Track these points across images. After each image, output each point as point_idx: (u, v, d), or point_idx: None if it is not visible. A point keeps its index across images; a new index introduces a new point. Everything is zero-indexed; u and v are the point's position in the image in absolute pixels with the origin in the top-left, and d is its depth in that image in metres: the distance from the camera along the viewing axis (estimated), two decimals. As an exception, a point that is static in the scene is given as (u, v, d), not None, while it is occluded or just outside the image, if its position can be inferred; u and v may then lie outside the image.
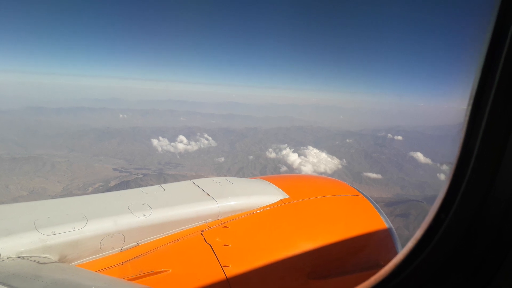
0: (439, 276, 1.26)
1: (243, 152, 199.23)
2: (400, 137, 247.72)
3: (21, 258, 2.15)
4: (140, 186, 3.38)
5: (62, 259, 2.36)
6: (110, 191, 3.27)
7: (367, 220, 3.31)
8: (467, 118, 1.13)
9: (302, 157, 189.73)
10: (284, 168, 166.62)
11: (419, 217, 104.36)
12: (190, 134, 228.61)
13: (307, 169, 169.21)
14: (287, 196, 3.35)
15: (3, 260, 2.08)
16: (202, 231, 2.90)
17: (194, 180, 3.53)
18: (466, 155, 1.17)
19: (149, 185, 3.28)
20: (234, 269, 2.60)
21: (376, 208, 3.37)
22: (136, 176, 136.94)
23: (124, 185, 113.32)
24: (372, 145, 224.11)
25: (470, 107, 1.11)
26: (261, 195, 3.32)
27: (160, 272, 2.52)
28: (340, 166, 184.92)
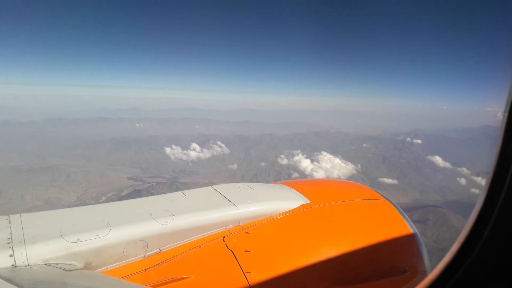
0: None
1: (257, 159, 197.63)
2: (419, 141, 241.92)
3: (47, 265, 2.20)
4: (152, 194, 3.44)
5: (87, 266, 2.40)
6: (123, 200, 3.32)
7: (391, 225, 3.26)
8: (504, 122, 1.06)
9: (315, 163, 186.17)
10: (295, 175, 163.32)
11: (438, 223, 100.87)
12: (204, 142, 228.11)
13: (319, 175, 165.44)
14: (308, 201, 3.34)
15: (30, 268, 2.13)
16: (224, 237, 2.92)
17: (214, 186, 3.55)
18: (505, 162, 1.10)
19: (161, 194, 3.32)
20: (257, 275, 2.59)
21: (400, 212, 3.33)
22: (149, 184, 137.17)
23: (136, 194, 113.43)
24: (390, 149, 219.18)
25: (507, 111, 1.04)
26: (282, 200, 3.32)
27: (183, 278, 2.53)
28: (355, 172, 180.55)
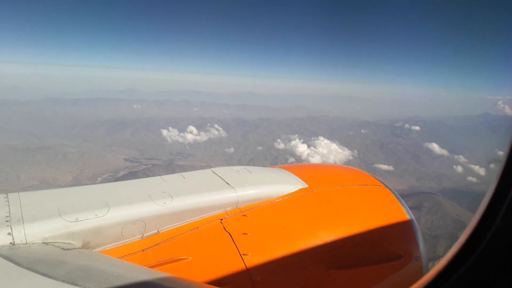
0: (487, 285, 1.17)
1: (255, 143, 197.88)
2: (417, 128, 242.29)
3: (46, 244, 2.23)
4: (148, 176, 3.45)
5: (85, 246, 2.43)
6: (119, 181, 3.34)
7: (388, 211, 3.28)
8: None
9: (312, 148, 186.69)
10: (291, 159, 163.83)
11: (432, 209, 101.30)
12: (202, 125, 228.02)
13: (315, 160, 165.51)
14: (306, 186, 3.35)
15: (29, 246, 2.15)
16: (222, 219, 2.93)
17: (213, 169, 3.55)
18: None
19: (157, 176, 3.34)
20: (253, 257, 2.63)
21: (398, 198, 3.34)
22: (145, 166, 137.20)
23: (132, 175, 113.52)
24: (388, 136, 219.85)
25: None
26: (280, 184, 3.34)
27: (180, 259, 2.57)
28: (351, 157, 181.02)
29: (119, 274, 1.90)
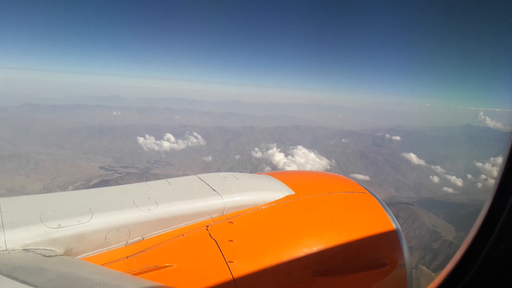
0: None
1: (236, 152, 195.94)
2: (398, 138, 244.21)
3: (26, 250, 2.17)
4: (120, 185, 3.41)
5: (68, 252, 2.38)
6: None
7: (373, 218, 3.26)
8: None
9: (289, 157, 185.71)
10: (268, 168, 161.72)
11: (409, 220, 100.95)
12: (181, 133, 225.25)
13: (291, 169, 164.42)
14: (293, 193, 3.35)
15: (9, 253, 2.09)
16: (207, 226, 2.90)
17: (199, 175, 3.53)
18: None
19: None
20: (239, 264, 2.61)
21: (383, 206, 3.34)
22: (119, 175, 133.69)
23: (103, 184, 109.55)
24: (369, 145, 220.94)
25: None
26: (267, 191, 3.32)
27: (165, 267, 2.52)
28: (329, 167, 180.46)
29: (102, 281, 1.86)
